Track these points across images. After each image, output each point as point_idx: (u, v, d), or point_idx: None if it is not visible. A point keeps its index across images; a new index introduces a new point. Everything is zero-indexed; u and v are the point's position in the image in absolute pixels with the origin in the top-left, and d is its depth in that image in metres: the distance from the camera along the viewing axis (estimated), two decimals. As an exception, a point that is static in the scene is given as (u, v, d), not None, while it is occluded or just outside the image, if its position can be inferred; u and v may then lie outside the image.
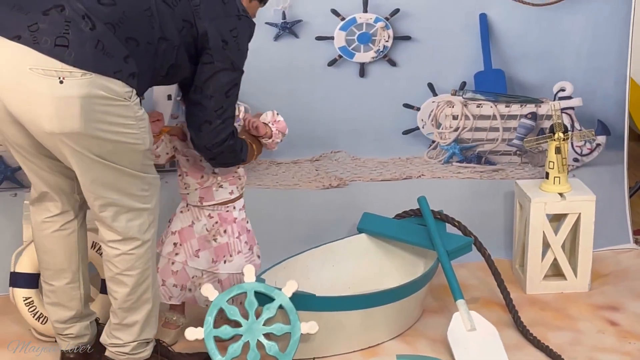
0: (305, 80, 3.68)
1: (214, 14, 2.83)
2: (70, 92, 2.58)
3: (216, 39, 2.83)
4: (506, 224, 3.90)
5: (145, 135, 2.75)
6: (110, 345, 2.94)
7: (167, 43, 2.78)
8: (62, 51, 2.57)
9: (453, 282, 3.30)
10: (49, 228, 2.95)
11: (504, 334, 3.26)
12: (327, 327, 3.11)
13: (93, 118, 2.63)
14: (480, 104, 3.83)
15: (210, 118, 2.90)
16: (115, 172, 2.74)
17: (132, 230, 2.81)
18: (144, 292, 2.87)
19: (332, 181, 3.82)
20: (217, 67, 2.86)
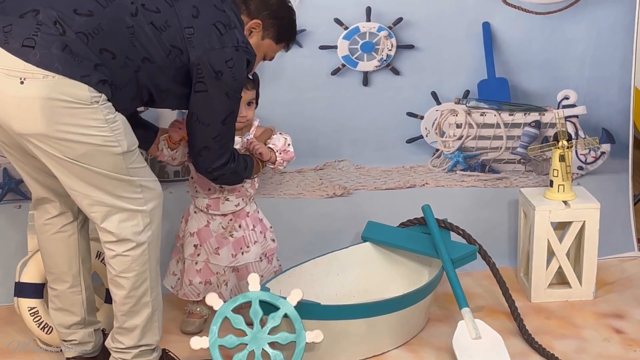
0: (308, 89, 3.69)
1: (209, 44, 2.82)
2: (30, 93, 2.61)
3: (210, 70, 2.83)
4: (510, 232, 3.90)
5: (120, 138, 2.73)
6: (113, 350, 2.95)
7: (153, 65, 2.79)
8: (27, 51, 2.61)
9: (458, 291, 3.29)
10: (50, 230, 2.98)
11: (509, 342, 3.25)
12: (332, 335, 3.11)
13: (56, 120, 2.64)
14: (483, 112, 3.83)
15: (208, 144, 2.94)
16: (95, 174, 2.74)
17: (125, 232, 2.81)
18: (142, 296, 2.87)
19: (336, 190, 3.82)
20: (212, 96, 2.86)
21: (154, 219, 2.86)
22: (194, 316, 3.42)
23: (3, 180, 3.53)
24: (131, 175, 2.79)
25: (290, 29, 3.14)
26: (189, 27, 2.81)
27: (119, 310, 2.90)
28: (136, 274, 2.85)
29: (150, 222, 2.84)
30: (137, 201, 2.81)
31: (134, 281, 2.85)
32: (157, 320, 2.94)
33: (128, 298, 2.87)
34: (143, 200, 2.82)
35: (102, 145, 2.70)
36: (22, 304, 3.25)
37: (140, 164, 2.84)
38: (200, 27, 2.82)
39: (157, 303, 2.94)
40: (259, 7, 3.03)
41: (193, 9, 2.83)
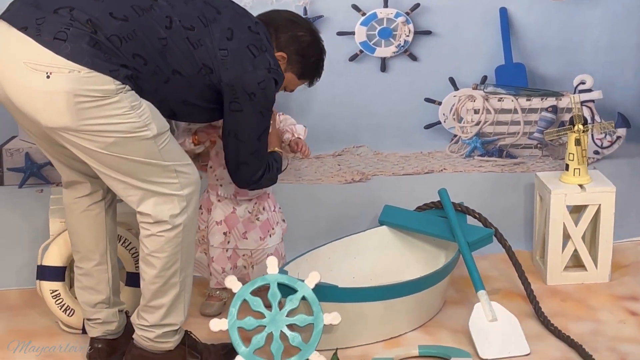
0: (326, 75, 3.66)
1: (242, 68, 2.87)
2: (55, 87, 2.63)
3: (243, 91, 2.88)
4: (527, 215, 3.89)
5: (148, 122, 2.74)
6: (137, 326, 2.97)
7: (183, 78, 2.82)
8: (59, 44, 2.63)
9: (474, 273, 3.29)
10: (78, 209, 3.01)
11: (525, 325, 3.25)
12: (350, 318, 3.12)
13: (82, 115, 2.66)
14: (501, 97, 3.82)
15: (247, 160, 3.00)
16: (128, 162, 2.76)
17: (162, 214, 2.82)
18: (172, 276, 2.89)
19: (355, 176, 3.82)
20: (247, 115, 2.92)
21: (191, 203, 2.86)
22: (214, 299, 3.44)
23: (25, 164, 3.56)
24: (165, 159, 2.80)
25: (315, 68, 3.19)
26: (223, 49, 2.85)
27: (148, 288, 2.91)
28: (168, 255, 2.86)
29: (187, 206, 2.85)
30: (172, 186, 2.83)
31: (166, 262, 2.87)
32: (184, 301, 2.95)
33: (158, 277, 2.89)
34: (179, 185, 2.84)
35: (131, 133, 2.72)
36: (44, 287, 3.28)
37: (173, 147, 2.85)
38: (234, 49, 2.86)
39: (186, 284, 2.95)
40: (288, 41, 3.09)
41: (228, 31, 2.87)
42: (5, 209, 3.58)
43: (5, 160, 3.56)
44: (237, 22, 2.91)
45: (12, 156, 3.55)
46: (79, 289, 3.07)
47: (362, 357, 3.11)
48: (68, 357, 3.16)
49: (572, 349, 3.17)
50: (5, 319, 3.40)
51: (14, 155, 3.55)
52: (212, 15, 2.87)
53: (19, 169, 3.57)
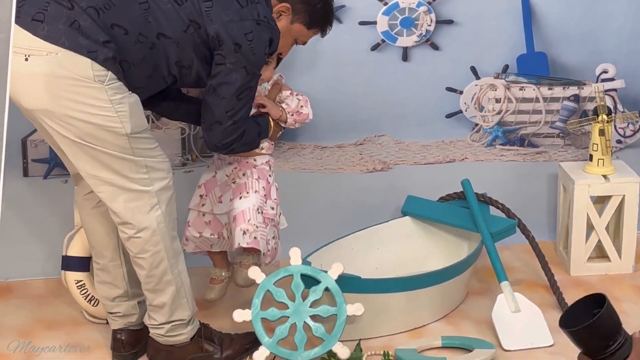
0: (348, 64, 3.66)
1: (227, 17, 2.76)
2: (34, 69, 2.62)
3: (228, 42, 2.76)
4: (549, 206, 3.87)
5: (124, 120, 2.70)
6: (149, 326, 2.98)
7: (169, 40, 2.75)
8: (36, 25, 2.62)
9: (497, 264, 3.28)
10: (88, 205, 3.01)
11: (548, 315, 3.23)
12: (373, 309, 3.11)
13: (60, 97, 2.64)
14: (523, 86, 3.79)
15: (220, 119, 2.84)
16: (102, 154, 2.74)
17: (129, 214, 2.80)
18: (163, 275, 2.88)
19: (376, 165, 3.81)
20: (229, 69, 2.78)
21: (162, 200, 2.82)
22: (215, 281, 3.32)
23: (50, 155, 3.55)
24: (136, 155, 2.76)
25: (324, 15, 3.05)
26: (208, 0, 2.76)
27: (145, 288, 2.92)
28: (151, 254, 2.85)
29: (158, 202, 2.82)
30: (142, 181, 2.79)
31: (151, 261, 2.86)
32: (185, 296, 2.94)
33: (149, 277, 2.89)
34: (149, 181, 2.80)
35: (105, 126, 2.70)
36: (69, 277, 3.28)
37: (148, 146, 2.80)
38: (219, 0, 2.77)
39: (181, 280, 2.93)
40: None
41: None
42: (31, 200, 3.59)
43: (30, 151, 3.56)
44: None
45: (37, 147, 3.55)
46: (98, 283, 3.08)
47: (385, 347, 3.11)
48: (93, 347, 3.16)
49: (596, 340, 3.15)
50: (31, 308, 3.41)
51: (38, 147, 3.55)
52: None
53: (43, 159, 3.57)
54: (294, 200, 3.63)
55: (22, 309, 3.40)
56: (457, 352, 3.09)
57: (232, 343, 3.06)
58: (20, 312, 3.38)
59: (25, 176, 3.58)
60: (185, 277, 2.95)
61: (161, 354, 2.99)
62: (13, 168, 3.52)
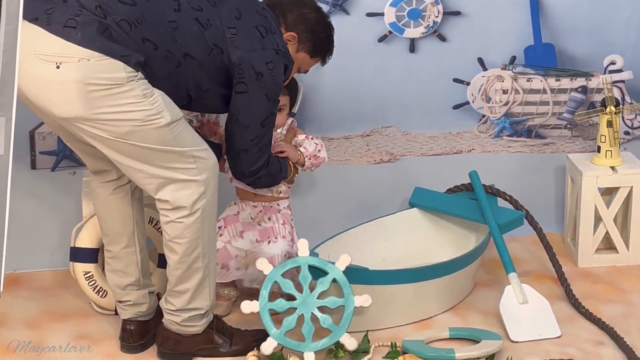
0: (355, 56, 3.66)
1: (251, 45, 2.83)
2: (66, 76, 2.62)
3: (250, 70, 2.84)
4: (557, 197, 3.86)
5: (161, 109, 2.72)
6: (165, 310, 2.98)
7: (194, 61, 2.80)
8: (69, 31, 2.62)
9: (505, 256, 3.27)
10: (104, 192, 3.01)
11: (556, 307, 3.23)
12: (380, 300, 3.11)
13: (94, 104, 2.65)
14: (530, 78, 3.78)
15: (247, 147, 2.93)
16: (144, 150, 2.74)
17: (181, 200, 2.81)
18: (194, 261, 2.88)
19: (383, 156, 3.80)
20: (252, 97, 2.87)
21: (209, 188, 2.85)
22: (222, 299, 3.31)
23: (58, 147, 3.56)
24: (180, 145, 2.78)
25: (326, 44, 3.14)
26: (232, 27, 2.83)
27: (172, 274, 2.92)
28: (188, 241, 2.86)
29: (205, 191, 2.84)
30: (190, 171, 2.81)
31: (187, 247, 2.87)
32: (209, 285, 2.95)
33: (180, 263, 2.89)
34: (197, 171, 2.82)
35: (144, 121, 2.70)
36: (77, 269, 3.28)
37: (190, 135, 2.83)
38: (243, 28, 2.84)
39: (209, 269, 2.94)
40: (296, 20, 3.04)
41: (236, 11, 2.85)
42: (39, 192, 3.59)
43: (38, 143, 3.56)
44: (244, 4, 2.89)
45: (45, 139, 3.55)
46: (109, 272, 3.08)
47: (393, 339, 3.10)
48: (101, 339, 3.16)
49: (604, 331, 3.15)
50: (39, 300, 3.41)
51: (46, 139, 3.55)
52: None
53: (51, 152, 3.57)
54: (301, 192, 3.63)
55: (30, 300, 3.41)
56: (465, 343, 3.09)
57: (242, 338, 3.06)
58: (28, 304, 3.38)
59: (33, 169, 3.58)
60: (214, 267, 2.96)
61: (169, 342, 2.99)
62: (21, 161, 3.52)
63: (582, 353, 3.04)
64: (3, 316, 3.29)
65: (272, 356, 2.98)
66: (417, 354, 2.97)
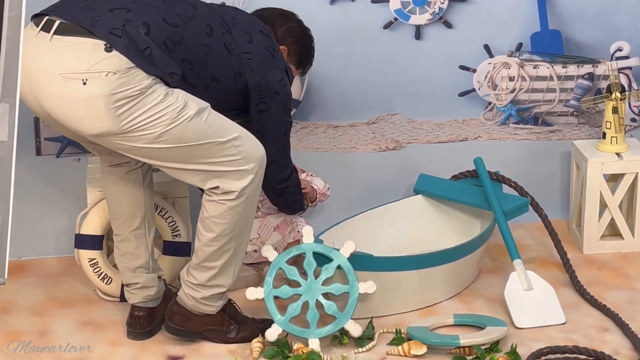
0: (361, 43, 3.66)
1: (265, 68, 2.98)
2: (93, 92, 2.63)
3: (268, 90, 3.00)
4: (563, 184, 3.86)
5: (187, 101, 2.74)
6: (185, 283, 2.97)
7: (219, 85, 2.90)
8: (114, 39, 2.65)
9: (510, 242, 3.28)
10: (116, 175, 3.03)
11: (561, 294, 3.24)
12: (385, 287, 3.12)
13: (122, 116, 2.66)
14: (536, 65, 3.78)
15: (275, 158, 3.09)
16: (183, 149, 2.76)
17: (229, 186, 2.83)
18: (228, 242, 2.90)
19: (389, 144, 3.81)
20: (274, 114, 3.05)
21: (257, 176, 2.86)
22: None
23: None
24: (219, 135, 2.79)
25: (309, 56, 3.32)
26: (247, 52, 2.95)
27: (202, 250, 2.91)
28: (227, 222, 2.87)
29: (254, 178, 2.85)
30: (235, 162, 2.82)
31: (224, 228, 2.87)
32: (234, 264, 2.96)
33: (214, 241, 2.89)
34: (243, 160, 2.83)
35: (174, 118, 2.71)
36: (82, 255, 3.30)
37: (224, 122, 2.83)
38: (256, 52, 2.97)
39: (239, 250, 2.95)
40: (285, 34, 3.22)
41: (246, 35, 2.97)
42: (43, 179, 3.60)
43: (43, 130, 3.57)
44: (250, 27, 3.01)
45: (49, 126, 3.56)
46: (118, 256, 3.09)
47: (397, 325, 3.11)
48: (106, 325, 3.18)
49: (609, 318, 3.15)
50: (44, 286, 3.43)
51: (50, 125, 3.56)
52: (231, 22, 2.96)
53: (56, 138, 3.58)
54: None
55: (35, 287, 3.42)
56: (470, 330, 3.10)
57: (249, 326, 3.07)
58: (33, 291, 3.40)
59: (38, 155, 3.60)
60: (244, 249, 2.97)
61: (180, 318, 3.00)
62: (26, 147, 3.53)
63: (586, 339, 3.05)
64: (9, 303, 3.31)
65: (277, 342, 2.99)
66: (422, 340, 2.98)
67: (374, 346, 3.04)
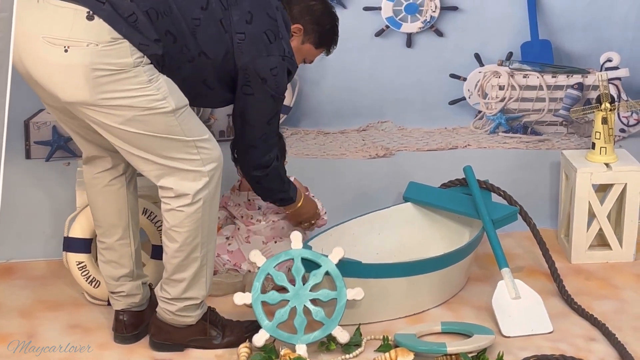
0: (352, 50, 3.66)
1: (257, 52, 2.88)
2: (73, 61, 2.62)
3: (255, 75, 2.90)
4: (552, 193, 3.86)
5: (167, 96, 2.73)
6: (160, 299, 2.98)
7: (208, 61, 2.84)
8: (97, 5, 2.63)
9: (498, 251, 3.28)
10: (99, 184, 3.01)
11: (549, 303, 3.24)
12: (373, 293, 3.11)
13: (100, 89, 2.66)
14: (526, 74, 3.79)
15: (255, 143, 3.01)
16: (148, 138, 2.75)
17: (183, 188, 2.82)
18: (193, 251, 2.89)
19: (379, 151, 3.81)
20: (258, 99, 2.94)
21: (213, 180, 2.85)
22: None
23: (52, 138, 3.56)
24: (186, 135, 2.79)
25: (332, 35, 3.19)
26: (241, 32, 2.87)
27: (169, 262, 2.92)
28: (188, 230, 2.86)
29: (209, 182, 2.84)
30: (194, 162, 2.81)
31: (186, 236, 2.87)
32: (205, 275, 2.95)
33: (179, 251, 2.89)
34: (201, 162, 2.82)
35: (149, 107, 2.71)
36: (70, 259, 3.29)
37: (195, 124, 2.83)
38: (251, 34, 2.88)
39: (207, 259, 2.94)
40: (302, 12, 3.09)
41: (247, 15, 2.88)
42: (33, 182, 3.59)
43: (32, 133, 3.56)
44: (258, 6, 2.91)
45: (39, 129, 3.55)
46: (102, 263, 3.08)
47: (385, 332, 3.11)
48: (94, 328, 3.17)
49: (596, 327, 3.16)
50: (33, 289, 3.42)
51: (41, 129, 3.55)
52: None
53: (46, 142, 3.57)
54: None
55: (24, 289, 3.42)
56: (457, 337, 3.09)
57: (234, 330, 3.07)
58: (22, 293, 3.39)
59: (28, 158, 3.58)
60: (212, 258, 2.96)
61: (162, 332, 3.00)
62: (15, 150, 3.52)
63: (573, 348, 3.05)
64: (-4, 305, 3.32)
65: (264, 348, 2.98)
66: (409, 347, 2.97)
67: (361, 353, 3.04)
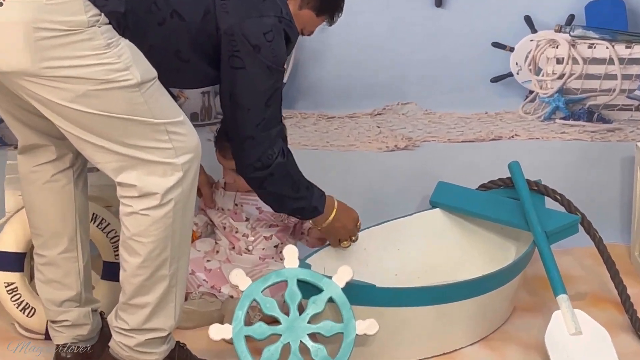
0: (364, 11, 3.69)
1: (245, 12, 2.93)
2: (10, 16, 2.64)
3: (244, 42, 2.93)
4: (623, 198, 3.89)
5: (130, 64, 2.74)
6: (115, 330, 2.98)
7: (182, 23, 2.87)
8: None
9: (553, 273, 3.30)
10: (39, 179, 3.01)
11: (618, 339, 3.26)
12: (390, 327, 3.13)
13: (44, 54, 2.66)
14: (592, 43, 3.81)
15: (252, 133, 3.03)
16: (105, 119, 2.76)
17: (150, 186, 2.82)
18: (160, 268, 2.89)
19: (399, 141, 3.84)
20: (251, 74, 2.98)
21: (188, 175, 2.86)
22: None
23: (-29, 129, 3.59)
24: (153, 115, 2.80)
25: (335, 0, 3.25)
26: None
27: (129, 281, 2.91)
28: (155, 240, 2.86)
29: (183, 177, 2.85)
30: (165, 152, 2.82)
31: (152, 248, 2.87)
32: (175, 300, 2.95)
33: (141, 268, 2.89)
34: (173, 152, 2.83)
35: (107, 80, 2.72)
36: (-3, 279, 3.32)
37: (164, 101, 2.85)
38: None
39: (178, 279, 2.94)
40: None
41: None
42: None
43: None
44: None
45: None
46: (41, 283, 3.08)
47: (406, 377, 3.15)
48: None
49: (677, 372, 3.19)
50: (-56, 319, 3.44)
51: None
52: None
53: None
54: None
55: None
56: (499, 385, 3.14)
57: (210, 374, 3.10)
58: None
59: (-62, 148, 3.63)
60: (183, 277, 2.96)
61: None
62: None
63: (649, 399, 3.09)
64: None
65: (248, 396, 3.01)
66: (437, 397, 3.01)
67: (375, 404, 3.07)
